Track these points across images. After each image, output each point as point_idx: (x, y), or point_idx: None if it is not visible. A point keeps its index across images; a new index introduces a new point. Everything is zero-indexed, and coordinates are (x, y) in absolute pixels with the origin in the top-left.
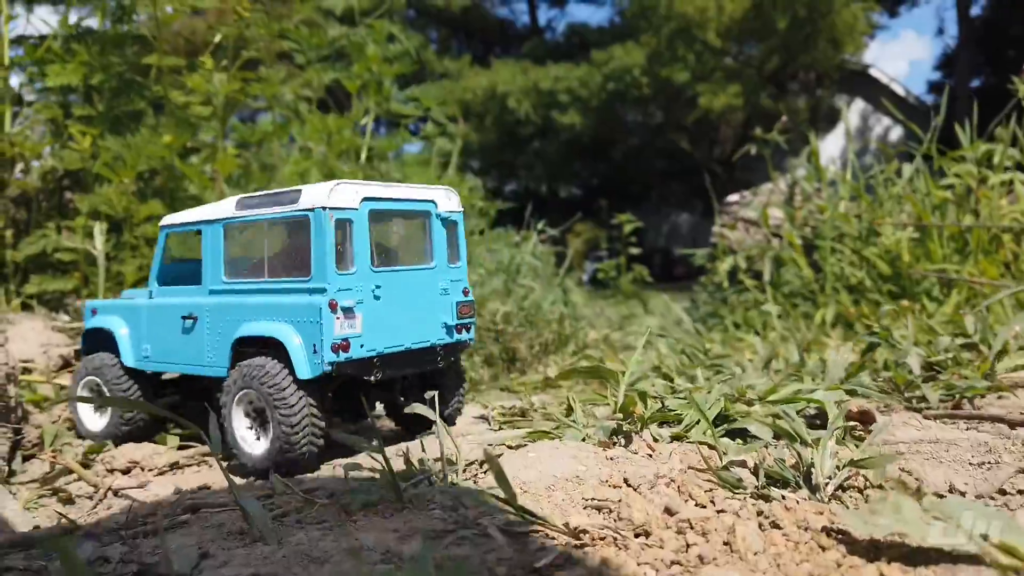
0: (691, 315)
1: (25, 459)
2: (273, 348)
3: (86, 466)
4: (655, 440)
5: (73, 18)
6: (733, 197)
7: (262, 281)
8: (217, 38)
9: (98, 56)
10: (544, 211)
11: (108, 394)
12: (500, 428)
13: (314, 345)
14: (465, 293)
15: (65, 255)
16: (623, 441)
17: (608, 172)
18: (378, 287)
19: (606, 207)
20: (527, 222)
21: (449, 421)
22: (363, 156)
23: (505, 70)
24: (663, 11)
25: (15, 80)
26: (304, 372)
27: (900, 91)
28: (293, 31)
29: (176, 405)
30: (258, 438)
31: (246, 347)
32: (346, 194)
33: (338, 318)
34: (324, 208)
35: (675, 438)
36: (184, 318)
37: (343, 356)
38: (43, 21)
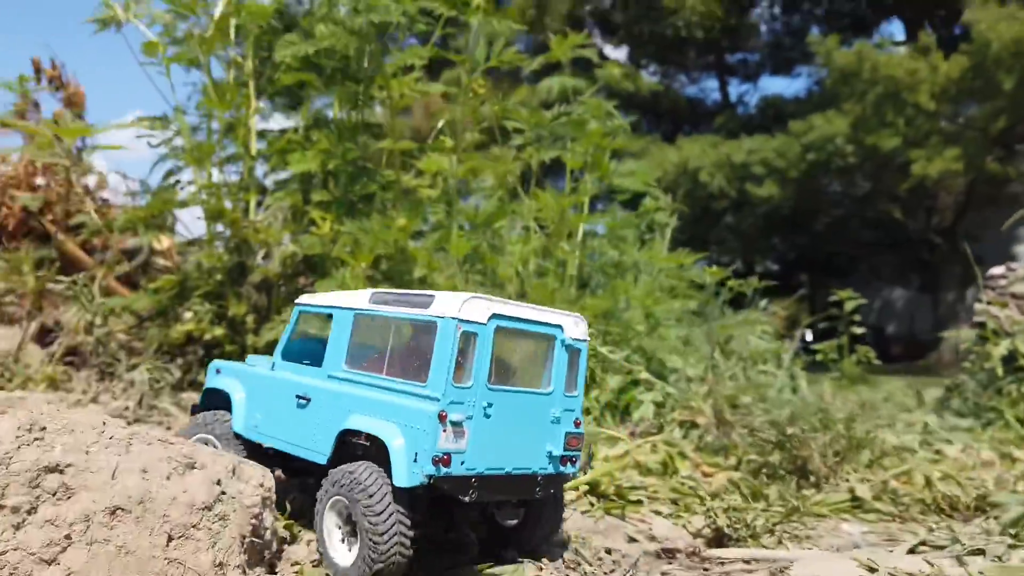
0: (952, 406)
1: None
2: (374, 447)
3: None
4: None
5: (313, 107)
6: (998, 270)
7: (379, 377)
8: (440, 124)
9: (336, 143)
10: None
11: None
12: None
13: (416, 453)
14: (576, 424)
15: None
16: None
17: (808, 245)
18: (490, 405)
19: (807, 281)
20: (751, 300)
21: (535, 554)
22: (579, 235)
23: (694, 145)
24: (867, 76)
25: (259, 170)
26: (401, 479)
27: None
28: (514, 112)
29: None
30: (347, 546)
31: (350, 439)
32: (476, 308)
33: (445, 430)
34: (453, 318)
35: None
36: (299, 397)
37: (443, 471)
38: (283, 114)
